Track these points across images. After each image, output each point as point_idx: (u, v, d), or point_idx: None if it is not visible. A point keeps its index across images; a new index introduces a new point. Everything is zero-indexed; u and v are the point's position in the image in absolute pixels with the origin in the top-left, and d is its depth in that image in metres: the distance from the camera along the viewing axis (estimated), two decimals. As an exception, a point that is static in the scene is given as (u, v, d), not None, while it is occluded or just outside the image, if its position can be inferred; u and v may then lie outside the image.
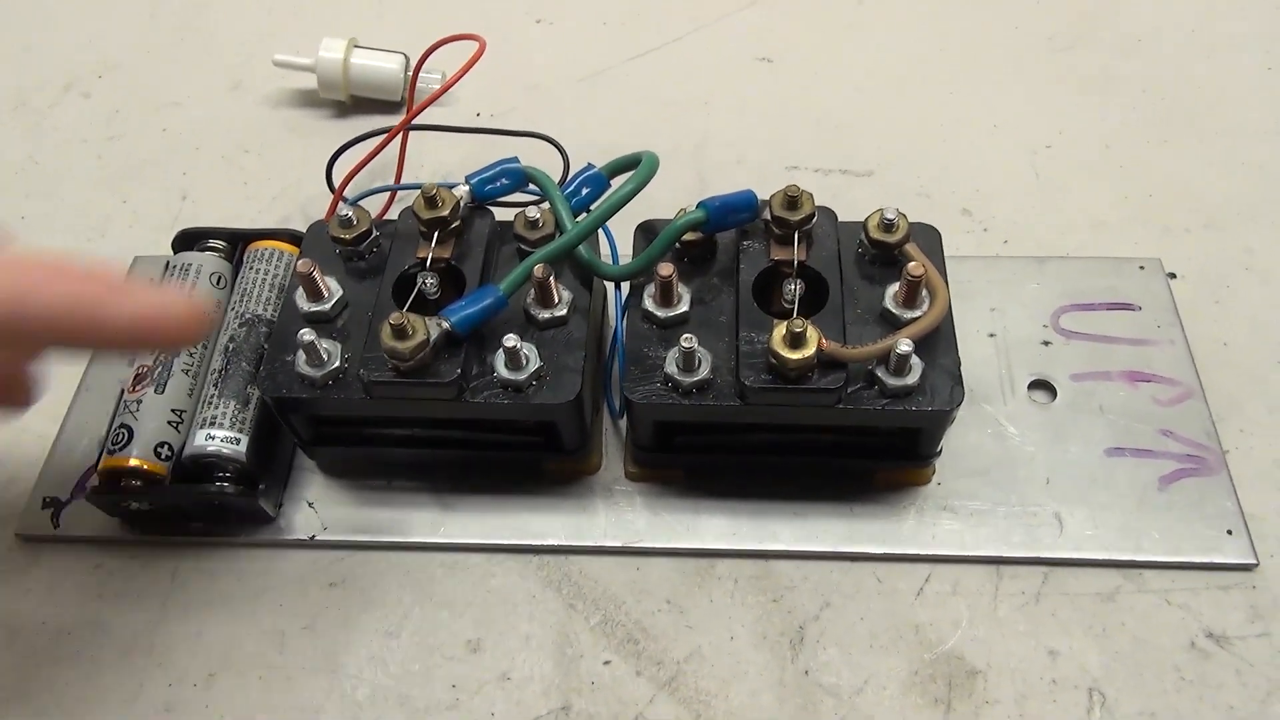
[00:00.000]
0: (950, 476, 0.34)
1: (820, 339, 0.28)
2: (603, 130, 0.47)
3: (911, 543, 0.33)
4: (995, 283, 0.39)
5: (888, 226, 0.32)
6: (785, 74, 0.50)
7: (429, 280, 0.32)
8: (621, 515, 0.34)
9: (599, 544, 0.34)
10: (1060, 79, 0.49)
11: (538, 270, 0.30)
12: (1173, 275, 0.40)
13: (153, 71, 0.52)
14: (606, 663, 0.31)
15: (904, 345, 0.28)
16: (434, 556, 0.34)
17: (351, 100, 0.48)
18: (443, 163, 0.46)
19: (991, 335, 0.38)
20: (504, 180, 0.34)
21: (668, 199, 0.34)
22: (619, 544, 0.33)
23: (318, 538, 0.34)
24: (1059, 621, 0.32)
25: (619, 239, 0.36)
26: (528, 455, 0.34)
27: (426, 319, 0.29)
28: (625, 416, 0.35)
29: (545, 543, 0.34)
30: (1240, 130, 0.46)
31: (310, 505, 0.35)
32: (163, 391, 0.33)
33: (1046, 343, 0.37)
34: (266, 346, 0.33)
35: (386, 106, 0.48)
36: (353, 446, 0.34)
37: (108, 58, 0.53)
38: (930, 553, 0.33)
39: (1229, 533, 0.33)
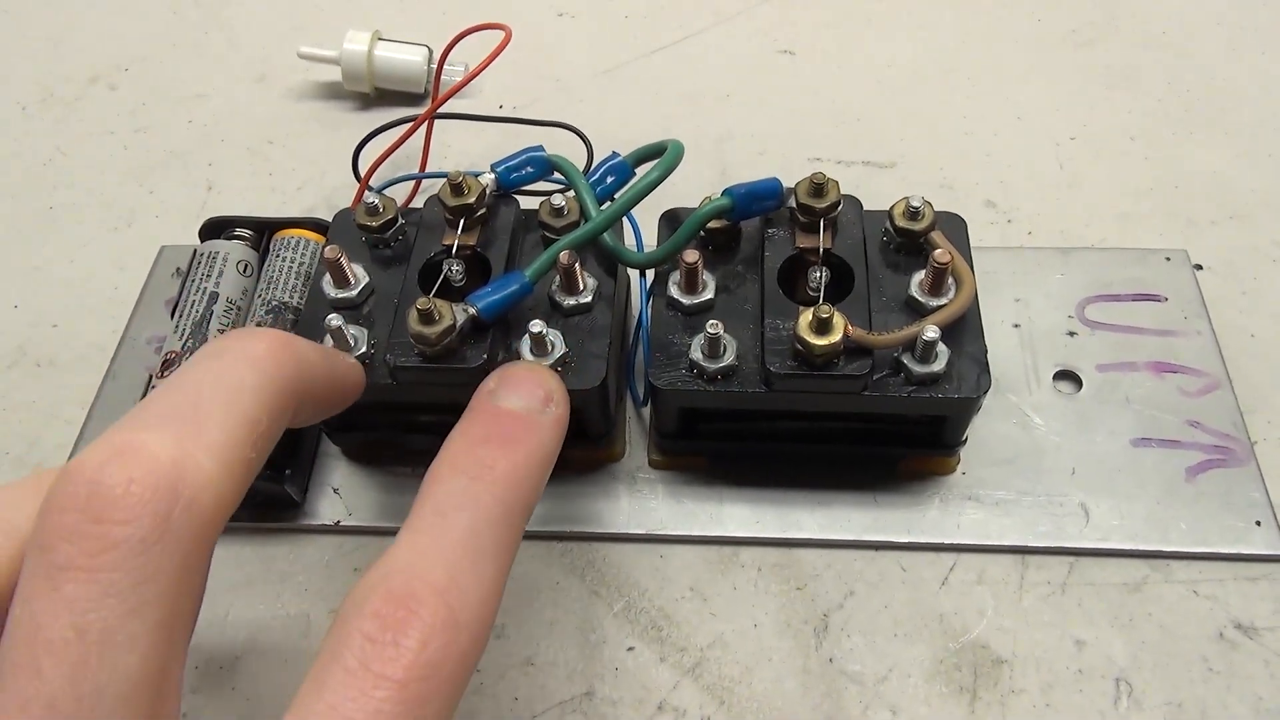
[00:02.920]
0: (975, 466, 0.34)
1: (847, 325, 0.28)
2: (625, 123, 0.48)
3: (936, 532, 0.33)
4: (1019, 274, 0.39)
5: (913, 214, 0.32)
6: (807, 66, 0.50)
7: (455, 267, 0.32)
8: (645, 503, 0.34)
9: (622, 531, 0.34)
10: (1084, 72, 0.49)
11: (563, 257, 0.30)
12: (1199, 267, 0.39)
13: (178, 64, 0.52)
14: (630, 649, 0.32)
15: (931, 331, 0.28)
16: (458, 543, 0.34)
17: (376, 92, 0.49)
18: (466, 153, 0.46)
19: (1016, 326, 0.37)
20: (529, 168, 0.34)
21: (690, 191, 0.34)
22: (642, 531, 0.33)
23: (343, 523, 0.34)
24: (1085, 612, 0.31)
25: (643, 229, 0.36)
26: (551, 442, 0.34)
27: (453, 304, 0.30)
28: (649, 404, 0.35)
29: (568, 530, 0.34)
30: (1266, 123, 0.45)
31: (335, 491, 0.35)
32: (190, 377, 0.33)
33: (1072, 333, 0.37)
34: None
35: (410, 99, 0.49)
36: (378, 432, 0.34)
37: (134, 51, 0.53)
38: (955, 542, 0.33)
39: (1257, 524, 0.32)
